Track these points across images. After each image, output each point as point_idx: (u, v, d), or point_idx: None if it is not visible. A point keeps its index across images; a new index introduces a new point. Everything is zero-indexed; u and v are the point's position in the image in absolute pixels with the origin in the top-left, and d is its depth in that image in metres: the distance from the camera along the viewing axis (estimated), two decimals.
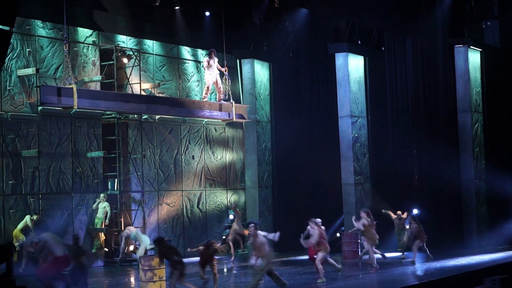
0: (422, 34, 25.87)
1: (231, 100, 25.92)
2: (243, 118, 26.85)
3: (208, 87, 25.51)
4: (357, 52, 26.98)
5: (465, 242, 25.55)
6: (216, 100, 25.97)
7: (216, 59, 25.26)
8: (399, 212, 24.16)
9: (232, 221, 25.08)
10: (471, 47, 26.15)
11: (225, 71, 25.60)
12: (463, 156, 25.95)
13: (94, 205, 22.84)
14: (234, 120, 26.43)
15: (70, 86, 21.46)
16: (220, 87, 25.59)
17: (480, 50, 26.58)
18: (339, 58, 26.78)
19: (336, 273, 19.57)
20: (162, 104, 24.58)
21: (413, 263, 21.30)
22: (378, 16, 25.58)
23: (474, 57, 26.35)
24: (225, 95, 25.90)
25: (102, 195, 22.94)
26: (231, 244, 23.86)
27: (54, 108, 21.74)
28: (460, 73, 26.03)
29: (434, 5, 25.65)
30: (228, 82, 25.87)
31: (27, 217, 20.62)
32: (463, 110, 25.99)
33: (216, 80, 25.36)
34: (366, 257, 21.59)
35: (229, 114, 26.16)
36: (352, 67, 26.77)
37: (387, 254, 22.36)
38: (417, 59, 26.46)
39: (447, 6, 25.62)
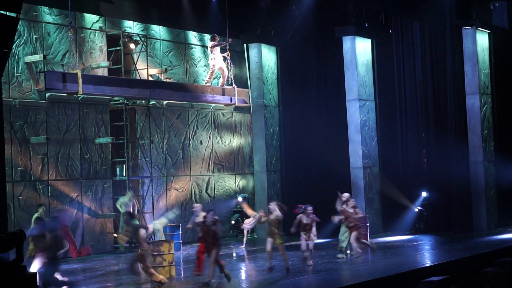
0: (430, 16, 25.79)
1: (233, 85, 25.96)
2: (246, 102, 26.85)
3: (213, 71, 25.51)
4: (364, 35, 26.90)
5: (474, 224, 25.53)
6: (219, 85, 26.01)
7: (216, 44, 25.26)
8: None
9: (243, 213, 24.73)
10: (479, 28, 26.05)
11: (228, 55, 25.61)
12: (471, 138, 25.91)
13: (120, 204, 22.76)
14: (237, 104, 26.47)
15: (75, 71, 21.49)
16: (224, 72, 25.64)
17: (488, 31, 26.48)
18: (347, 41, 26.72)
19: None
20: (165, 89, 24.59)
21: (355, 262, 19.51)
22: None
23: (482, 39, 26.26)
24: (228, 80, 25.94)
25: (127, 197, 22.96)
26: (245, 232, 23.71)
27: (60, 94, 21.80)
28: (468, 55, 25.95)
29: None
30: (231, 66, 25.89)
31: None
32: (472, 93, 25.94)
33: (221, 64, 25.42)
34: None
35: (231, 98, 26.19)
36: (360, 50, 26.72)
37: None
38: (425, 41, 26.39)
39: None
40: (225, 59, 25.65)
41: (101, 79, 22.82)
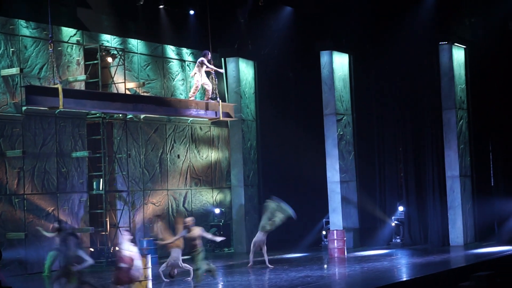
0: (407, 31, 25.92)
1: (218, 99, 25.88)
2: (230, 116, 26.83)
3: (197, 87, 25.33)
4: (342, 50, 27.03)
5: (451, 239, 25.63)
6: (202, 99, 25.96)
7: (207, 60, 25.18)
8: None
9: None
10: (455, 44, 26.24)
11: (212, 70, 25.53)
12: (448, 153, 26.03)
13: None
14: (221, 118, 26.35)
15: (56, 86, 21.40)
16: (208, 87, 25.54)
17: (464, 47, 26.67)
18: (324, 56, 26.82)
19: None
20: (148, 103, 24.52)
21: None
22: (362, 14, 25.61)
23: (458, 54, 26.45)
24: (212, 94, 25.90)
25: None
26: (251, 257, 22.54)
27: (38, 108, 21.67)
28: (445, 70, 26.10)
29: (419, 3, 25.71)
30: (215, 81, 25.88)
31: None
32: (448, 107, 26.07)
33: (204, 80, 25.35)
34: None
35: (216, 113, 26.12)
36: (337, 65, 26.83)
37: None
38: (402, 56, 26.48)
39: (432, 4, 25.69)
40: (209, 74, 25.50)
41: (83, 93, 22.70)
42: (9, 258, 20.59)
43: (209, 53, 25.06)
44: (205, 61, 24.66)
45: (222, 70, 26.55)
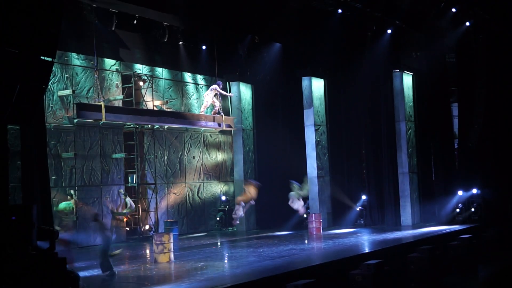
0: (368, 61, 25.97)
1: (222, 114, 26.01)
2: (231, 127, 26.92)
3: (206, 105, 25.55)
4: (318, 75, 27.07)
5: (402, 220, 25.65)
6: (210, 114, 26.03)
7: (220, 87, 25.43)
8: None
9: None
10: (405, 72, 26.31)
11: (222, 94, 25.76)
12: (399, 155, 26.07)
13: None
14: (224, 128, 26.51)
15: (99, 103, 21.44)
16: (216, 104, 25.70)
17: (412, 74, 26.74)
18: (305, 80, 26.87)
19: None
20: (169, 117, 24.58)
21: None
22: (334, 48, 25.66)
23: (407, 79, 26.51)
24: (218, 110, 25.99)
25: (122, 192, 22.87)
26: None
27: (87, 120, 21.69)
28: (397, 91, 26.15)
29: (376, 39, 25.76)
30: (220, 100, 25.95)
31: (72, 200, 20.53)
32: (399, 120, 26.11)
33: (213, 100, 25.51)
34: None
35: (219, 124, 26.22)
36: (315, 87, 26.87)
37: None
38: (364, 80, 26.51)
39: (386, 40, 25.72)
40: (216, 95, 25.68)
41: (119, 109, 22.74)
42: (62, 236, 20.52)
43: (221, 83, 25.34)
44: (218, 89, 25.04)
45: (231, 94, 26.59)
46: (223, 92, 25.70)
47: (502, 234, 22.16)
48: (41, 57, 11.74)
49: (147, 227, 23.81)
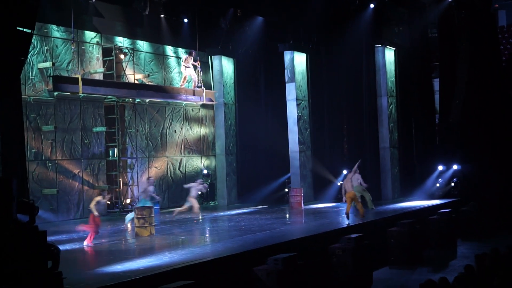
0: (350, 36, 25.94)
1: (202, 87, 25.89)
2: (211, 101, 26.85)
3: (185, 77, 25.45)
4: (300, 50, 26.99)
5: (383, 195, 25.83)
6: (191, 87, 25.90)
7: (192, 58, 25.30)
8: None
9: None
10: (387, 46, 26.30)
11: (198, 64, 25.59)
12: (380, 130, 26.17)
13: None
14: (205, 102, 26.44)
15: (76, 76, 21.26)
16: (194, 77, 25.59)
17: (394, 49, 26.75)
18: (287, 55, 26.79)
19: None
20: (148, 90, 24.46)
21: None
22: (317, 22, 25.58)
23: (390, 54, 26.52)
24: (198, 83, 25.88)
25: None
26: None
27: (66, 93, 21.51)
28: (379, 66, 26.18)
29: (359, 14, 25.71)
30: (200, 73, 25.81)
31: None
32: (381, 95, 26.17)
33: (190, 73, 25.39)
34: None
35: (200, 98, 26.14)
36: (297, 62, 26.80)
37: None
38: (347, 55, 26.52)
39: (369, 15, 25.69)
40: (195, 67, 25.55)
41: (97, 82, 22.57)
42: (44, 209, 20.51)
43: (193, 52, 25.16)
44: (188, 58, 24.81)
45: (197, 63, 26.07)
46: (192, 62, 25.51)
47: (481, 209, 22.43)
48: (20, 29, 11.56)
49: (128, 201, 23.79)
